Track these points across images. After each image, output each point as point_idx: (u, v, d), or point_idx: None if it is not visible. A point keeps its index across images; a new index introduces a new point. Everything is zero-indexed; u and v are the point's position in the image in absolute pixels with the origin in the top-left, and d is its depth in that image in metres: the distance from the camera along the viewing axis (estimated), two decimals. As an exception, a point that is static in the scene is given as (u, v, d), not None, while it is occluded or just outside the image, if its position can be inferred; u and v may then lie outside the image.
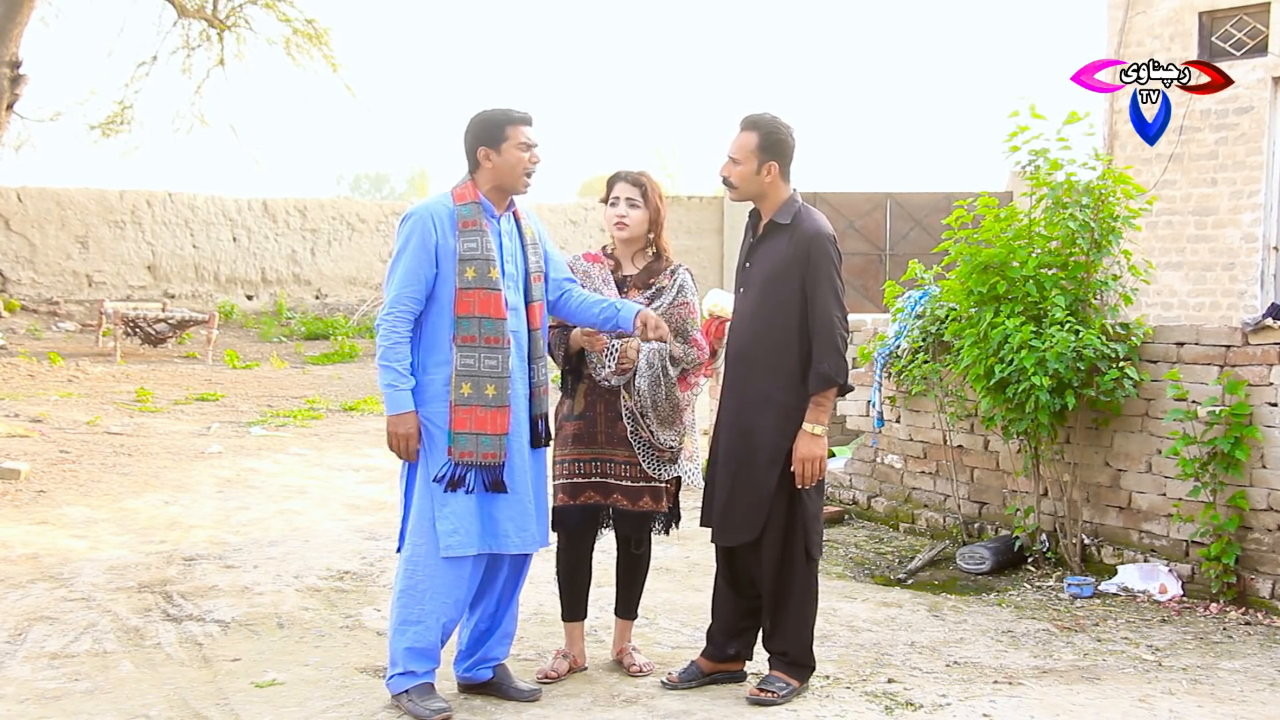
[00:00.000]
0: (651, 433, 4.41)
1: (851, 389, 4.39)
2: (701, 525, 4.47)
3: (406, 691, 4.02)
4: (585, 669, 4.55)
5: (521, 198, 4.27)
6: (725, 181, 4.35)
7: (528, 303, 4.22)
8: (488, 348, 4.04)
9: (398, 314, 4.02)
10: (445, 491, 4.01)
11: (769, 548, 4.24)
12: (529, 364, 4.22)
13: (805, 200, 4.42)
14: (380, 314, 4.06)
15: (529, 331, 4.22)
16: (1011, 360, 6.02)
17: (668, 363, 4.42)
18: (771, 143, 4.27)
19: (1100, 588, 5.96)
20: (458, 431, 4.01)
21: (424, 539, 4.05)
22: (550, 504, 4.47)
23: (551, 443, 4.40)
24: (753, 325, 4.31)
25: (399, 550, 4.19)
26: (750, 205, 4.44)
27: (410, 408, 4.03)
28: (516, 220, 4.28)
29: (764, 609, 4.34)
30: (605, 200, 4.55)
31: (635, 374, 4.39)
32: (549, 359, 4.41)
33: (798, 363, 4.21)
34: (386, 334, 4.02)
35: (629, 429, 4.41)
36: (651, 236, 4.56)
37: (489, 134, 4.11)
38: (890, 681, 4.47)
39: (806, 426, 4.18)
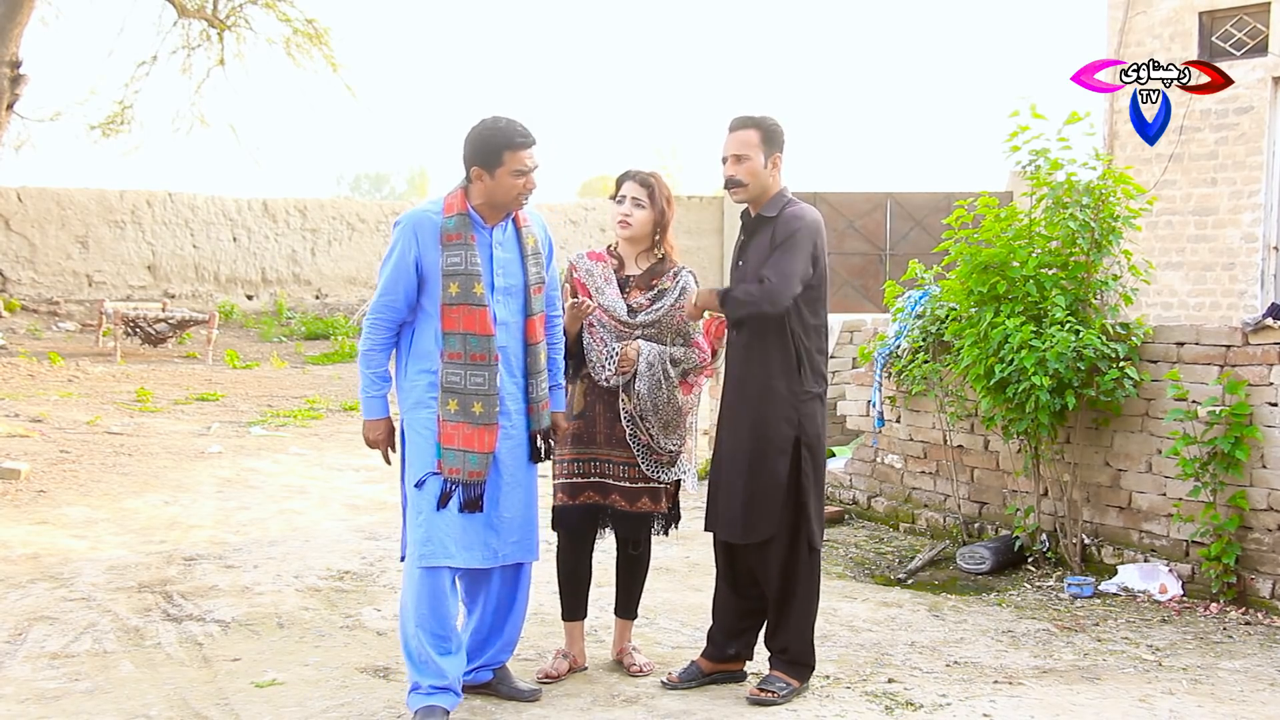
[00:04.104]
0: (651, 436, 4.40)
1: (742, 322, 4.26)
2: (708, 529, 4.43)
3: (416, 713, 3.93)
4: (585, 669, 4.54)
5: (533, 207, 4.22)
6: (732, 182, 4.30)
7: (526, 316, 4.12)
8: (474, 365, 3.95)
9: (375, 320, 4.02)
10: (437, 510, 3.93)
11: (776, 541, 4.23)
12: (525, 379, 4.13)
13: (805, 200, 4.42)
14: (365, 317, 4.07)
15: (526, 346, 4.12)
16: (1011, 360, 6.02)
17: (668, 365, 4.42)
18: (772, 135, 4.30)
19: (1100, 588, 5.96)
20: (446, 447, 3.95)
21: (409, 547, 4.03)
22: (551, 503, 4.48)
23: (550, 457, 4.32)
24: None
25: (402, 559, 4.16)
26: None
27: (383, 415, 4.06)
28: (517, 229, 4.15)
29: (769, 605, 4.34)
30: (613, 197, 4.54)
31: (635, 376, 4.39)
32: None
33: (791, 350, 4.22)
34: (365, 338, 4.04)
35: (628, 432, 4.40)
36: (657, 238, 4.55)
37: (485, 156, 3.98)
38: (890, 681, 4.47)
39: (703, 296, 4.27)
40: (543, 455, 4.23)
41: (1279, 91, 11.12)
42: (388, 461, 4.15)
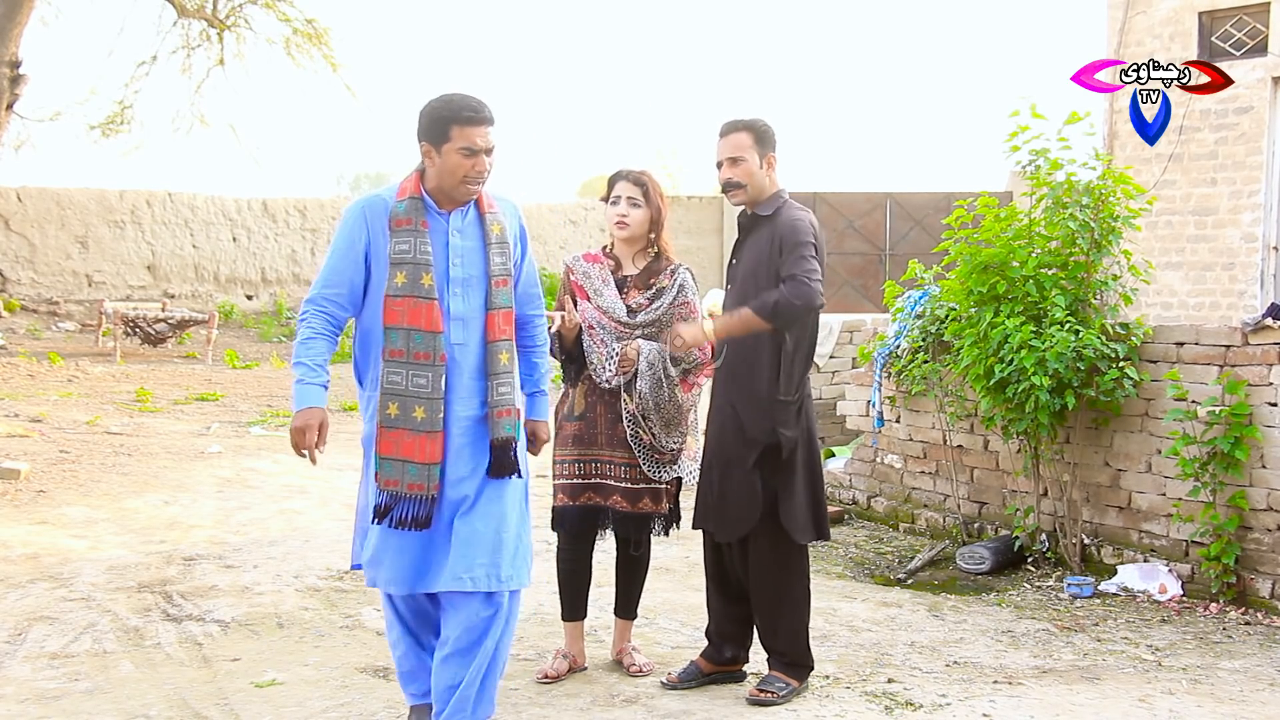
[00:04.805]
0: (654, 435, 4.40)
1: (785, 320, 4.10)
2: (695, 527, 4.44)
3: (412, 710, 3.88)
4: (585, 669, 4.54)
5: (508, 193, 3.92)
6: (730, 184, 4.29)
7: (488, 310, 3.67)
8: (416, 364, 3.55)
9: (314, 310, 3.63)
10: (373, 522, 3.58)
11: (757, 541, 4.23)
12: (484, 381, 3.66)
13: (805, 200, 4.42)
14: (301, 311, 3.68)
15: (485, 344, 3.67)
16: (1011, 360, 6.02)
17: (669, 364, 4.42)
18: (764, 136, 4.31)
19: (1100, 588, 5.96)
20: (383, 456, 3.56)
21: None
22: (552, 504, 4.47)
23: (516, 473, 3.72)
24: None
25: (351, 568, 4.00)
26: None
27: (318, 404, 3.57)
28: (480, 215, 3.73)
29: (754, 608, 4.33)
30: (606, 199, 4.53)
31: (636, 376, 4.39)
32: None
33: (775, 359, 4.20)
34: (301, 329, 3.64)
35: (630, 432, 4.40)
36: (653, 236, 4.54)
37: (433, 130, 3.60)
38: (890, 681, 4.47)
39: (706, 326, 4.19)
40: (517, 470, 3.68)
41: (1279, 91, 11.12)
42: (314, 462, 3.61)
